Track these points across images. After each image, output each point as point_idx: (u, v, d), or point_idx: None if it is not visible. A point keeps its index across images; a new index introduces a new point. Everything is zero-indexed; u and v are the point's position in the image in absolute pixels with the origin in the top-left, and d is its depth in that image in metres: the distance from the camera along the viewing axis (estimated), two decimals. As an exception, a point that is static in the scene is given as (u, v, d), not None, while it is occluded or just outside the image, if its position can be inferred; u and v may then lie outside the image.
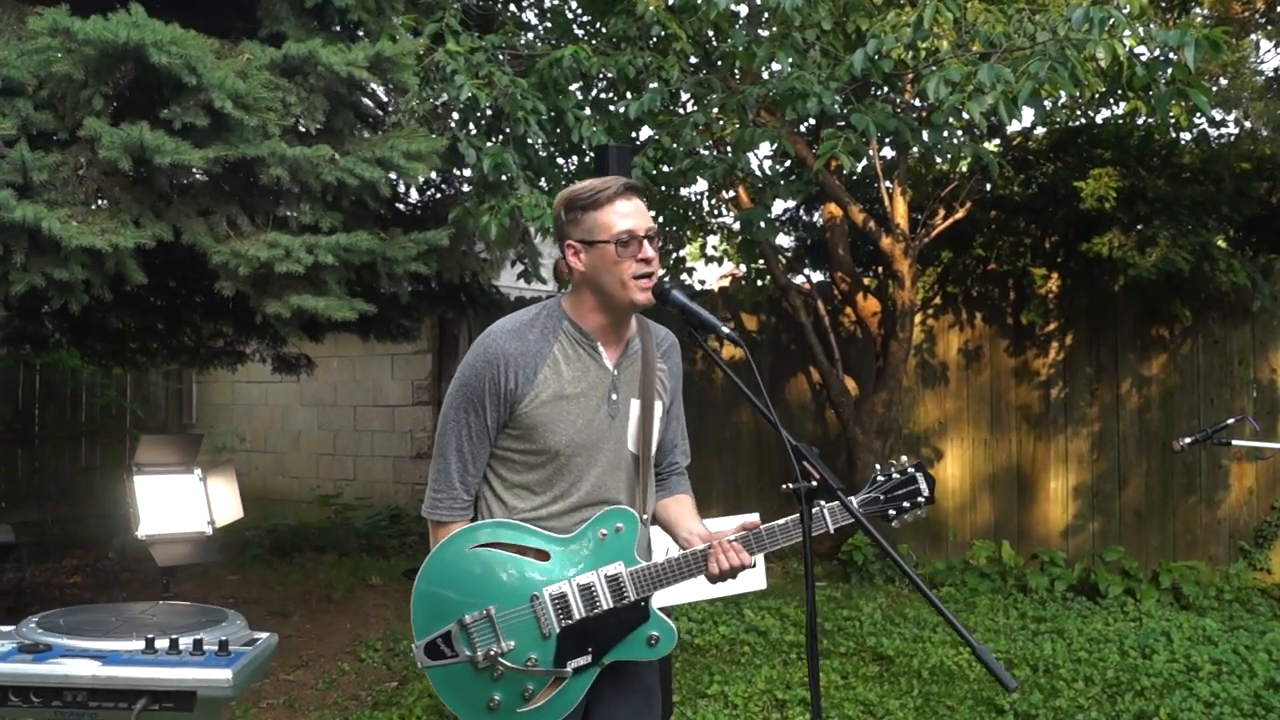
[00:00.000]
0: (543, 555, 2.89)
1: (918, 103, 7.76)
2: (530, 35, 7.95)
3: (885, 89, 7.20)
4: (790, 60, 6.12)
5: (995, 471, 9.49)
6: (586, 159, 7.83)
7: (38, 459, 11.23)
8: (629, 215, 2.93)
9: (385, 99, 6.31)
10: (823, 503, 3.13)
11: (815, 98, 6.11)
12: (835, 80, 6.23)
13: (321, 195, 5.10)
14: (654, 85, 6.80)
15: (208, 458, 12.52)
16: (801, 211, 10.47)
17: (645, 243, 2.94)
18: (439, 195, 8.22)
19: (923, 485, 3.36)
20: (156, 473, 4.91)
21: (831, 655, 6.93)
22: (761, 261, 9.25)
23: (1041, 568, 8.65)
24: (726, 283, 9.81)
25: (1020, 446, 9.42)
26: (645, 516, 3.10)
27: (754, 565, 3.05)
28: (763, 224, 8.03)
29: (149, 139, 4.42)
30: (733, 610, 7.86)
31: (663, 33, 6.96)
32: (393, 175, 5.38)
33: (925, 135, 6.32)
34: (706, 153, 7.62)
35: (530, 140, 6.62)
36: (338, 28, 5.53)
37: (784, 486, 3.00)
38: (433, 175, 7.39)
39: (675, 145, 7.10)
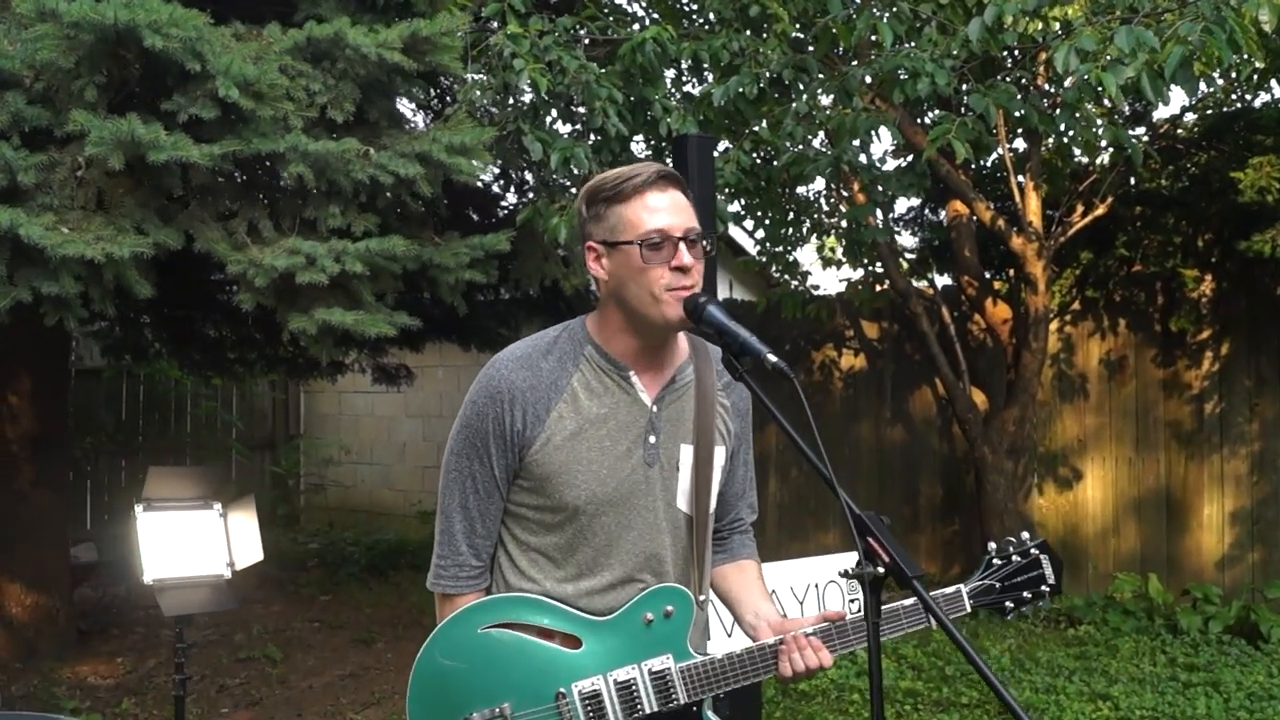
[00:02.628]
0: (573, 642, 2.34)
1: (1052, 88, 6.93)
2: (614, 18, 7.29)
3: (1015, 70, 6.34)
4: (895, 35, 5.32)
5: (1141, 495, 8.48)
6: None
7: (140, 470, 11.03)
8: (661, 211, 2.31)
9: (444, 88, 5.71)
10: (963, 587, 2.70)
11: (927, 78, 5.32)
12: (951, 58, 5.43)
13: (354, 196, 4.53)
14: (742, 67, 6.09)
15: (314, 470, 12.38)
16: (926, 210, 9.60)
17: (681, 246, 2.30)
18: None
19: (1048, 571, 2.80)
20: (169, 509, 4.40)
21: (952, 708, 6.12)
22: (879, 265, 8.43)
23: (1194, 605, 7.60)
24: (844, 288, 9.00)
25: (1170, 467, 8.40)
26: (702, 597, 2.45)
27: (833, 666, 2.45)
28: (872, 223, 7.24)
29: (142, 133, 3.90)
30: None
31: (761, 12, 6.26)
32: (455, 172, 4.78)
33: (1058, 121, 5.46)
34: (815, 144, 6.90)
35: (610, 132, 5.98)
36: (383, 12, 4.94)
37: (840, 573, 2.35)
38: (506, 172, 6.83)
39: (776, 137, 6.39)
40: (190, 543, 4.41)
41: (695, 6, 7.37)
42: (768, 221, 8.16)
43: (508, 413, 2.32)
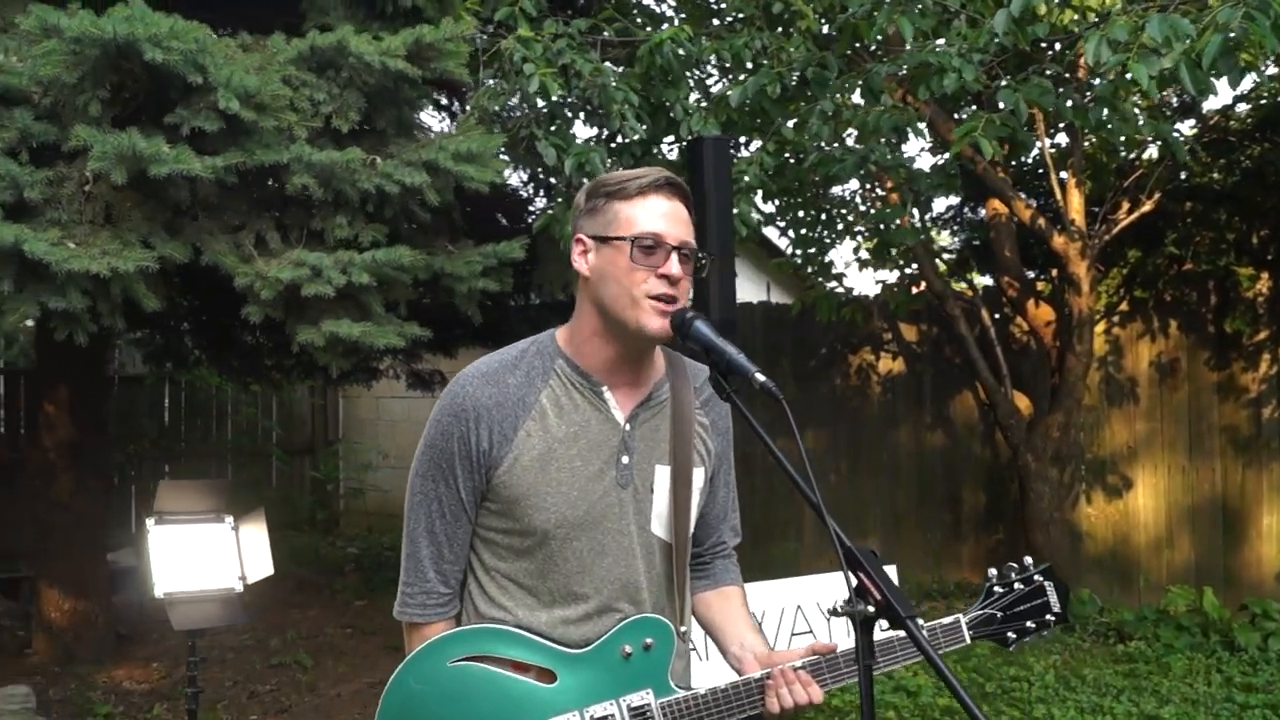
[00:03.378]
0: (547, 675, 2.23)
1: (1098, 81, 6.72)
2: (638, 18, 7.18)
3: (1051, 64, 6.15)
4: (915, 29, 5.16)
5: (1196, 504, 8.24)
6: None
7: (182, 476, 11.13)
8: (662, 216, 2.23)
9: (464, 95, 5.64)
10: (962, 618, 2.57)
11: (954, 73, 5.16)
12: (979, 52, 5.27)
13: (361, 206, 4.48)
14: (764, 67, 5.96)
15: (353, 474, 12.40)
16: (966, 209, 9.39)
17: (673, 256, 2.21)
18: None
19: (1053, 599, 2.66)
20: (181, 522, 4.37)
21: (989, 727, 5.96)
22: (915, 266, 8.25)
23: (1252, 620, 7.32)
24: (880, 290, 8.81)
25: (1225, 475, 8.15)
26: (684, 628, 2.35)
27: (821, 701, 2.32)
28: (907, 222, 7.07)
29: (143, 147, 3.87)
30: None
31: (785, 9, 6.12)
32: (465, 179, 4.71)
33: (1091, 115, 5.26)
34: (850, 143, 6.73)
35: (626, 137, 5.88)
36: (392, 19, 4.88)
37: (828, 610, 2.29)
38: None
39: (802, 137, 6.25)
40: (201, 556, 4.38)
41: (723, 5, 7.25)
42: (800, 223, 8.00)
43: (473, 432, 2.22)
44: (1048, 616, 2.68)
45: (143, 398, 10.83)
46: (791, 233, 8.33)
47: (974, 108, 7.04)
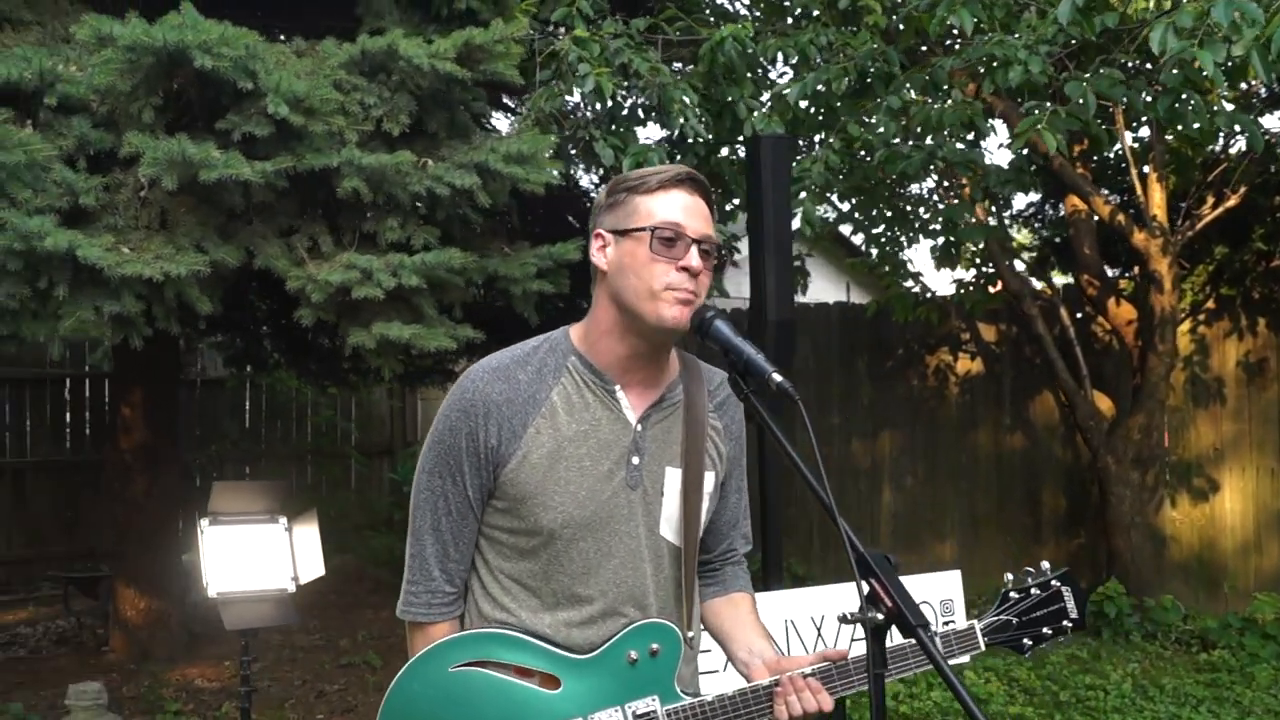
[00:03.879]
0: (551, 681, 2.18)
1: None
2: (709, 13, 7.11)
3: (1124, 54, 5.96)
4: (977, 21, 5.03)
5: (1285, 508, 7.95)
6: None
7: (263, 477, 11.32)
8: (683, 209, 2.19)
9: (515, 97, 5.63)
10: (977, 624, 2.51)
11: (1020, 65, 5.03)
12: (1046, 43, 5.12)
13: (412, 208, 4.49)
14: (829, 63, 5.87)
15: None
16: (1047, 206, 9.17)
17: (694, 249, 2.17)
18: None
19: (1070, 605, 2.61)
20: (235, 522, 4.42)
21: (1061, 736, 5.80)
22: (991, 265, 8.07)
23: (1346, 630, 7.07)
24: (956, 289, 8.62)
25: (1318, 478, 7.85)
26: (690, 634, 2.30)
27: (832, 709, 2.26)
28: (982, 219, 6.91)
29: (193, 153, 3.92)
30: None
31: (851, 4, 6.02)
32: (519, 181, 4.69)
33: (1158, 105, 5.08)
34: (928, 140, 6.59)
35: (688, 137, 5.83)
36: (447, 21, 4.89)
37: (840, 618, 2.17)
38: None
39: (869, 134, 6.14)
40: (255, 557, 4.42)
41: (788, 1, 7.15)
42: (873, 221, 7.86)
43: (481, 428, 2.19)
44: (1064, 623, 2.61)
45: (224, 400, 11.02)
46: (864, 232, 8.18)
47: (1049, 102, 6.85)
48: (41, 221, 3.79)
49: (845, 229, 8.94)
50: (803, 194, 5.95)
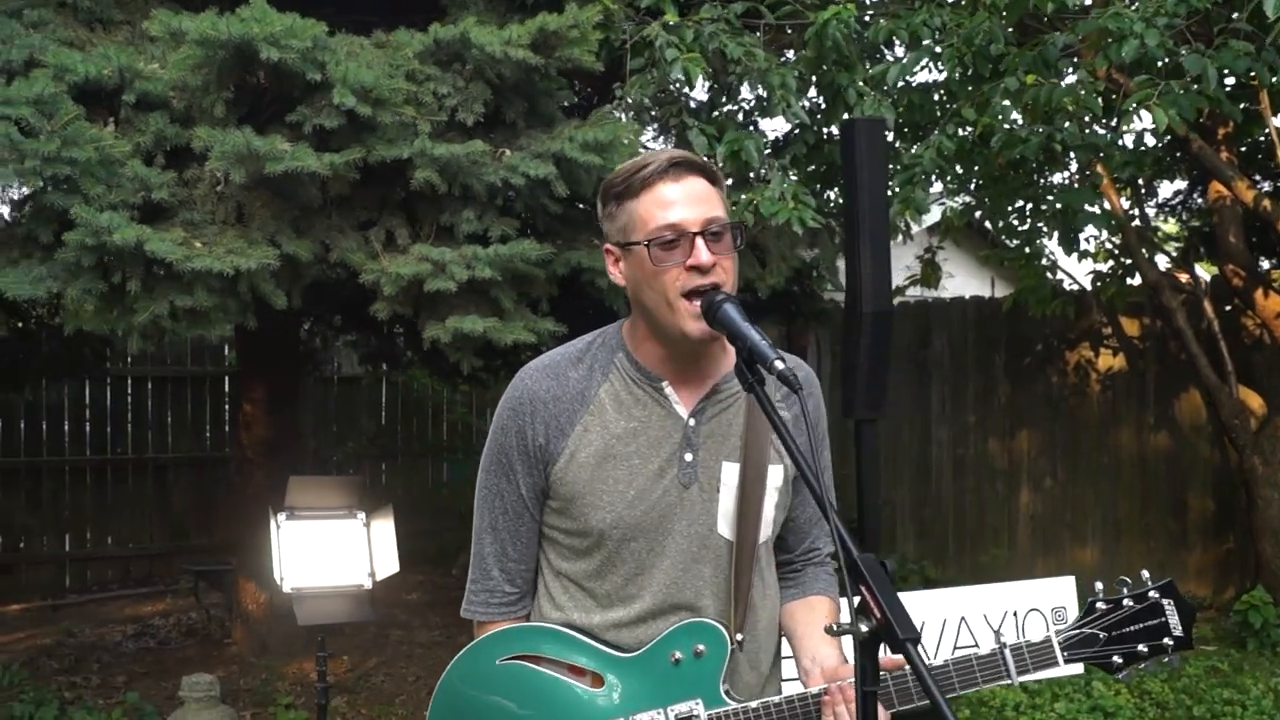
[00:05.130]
0: (595, 679, 2.13)
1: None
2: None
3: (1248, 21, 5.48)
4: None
5: None
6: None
7: (399, 474, 11.50)
8: (675, 203, 2.04)
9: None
10: (1054, 636, 2.26)
11: (1135, 40, 4.66)
12: (1165, 15, 4.74)
13: (489, 199, 4.40)
14: (947, 46, 5.56)
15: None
16: (1194, 193, 8.59)
17: (699, 242, 2.02)
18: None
19: (1173, 620, 2.30)
20: (313, 518, 4.40)
21: (1195, 756, 5.38)
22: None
23: None
24: (1093, 281, 8.14)
25: None
26: (740, 636, 2.17)
27: None
28: (1113, 209, 6.48)
29: (258, 145, 3.90)
30: (1078, 681, 6.36)
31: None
32: (601, 170, 4.57)
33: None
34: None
35: (789, 123, 5.61)
36: (532, 9, 4.78)
37: (825, 629, 2.03)
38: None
39: (987, 117, 5.81)
40: (332, 552, 4.40)
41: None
42: (1003, 211, 7.47)
43: (529, 426, 2.13)
44: (1165, 640, 2.31)
45: (361, 397, 11.22)
46: (992, 223, 7.79)
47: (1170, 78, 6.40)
48: (111, 216, 3.82)
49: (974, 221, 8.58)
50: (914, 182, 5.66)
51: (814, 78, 6.10)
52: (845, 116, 5.95)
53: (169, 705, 6.24)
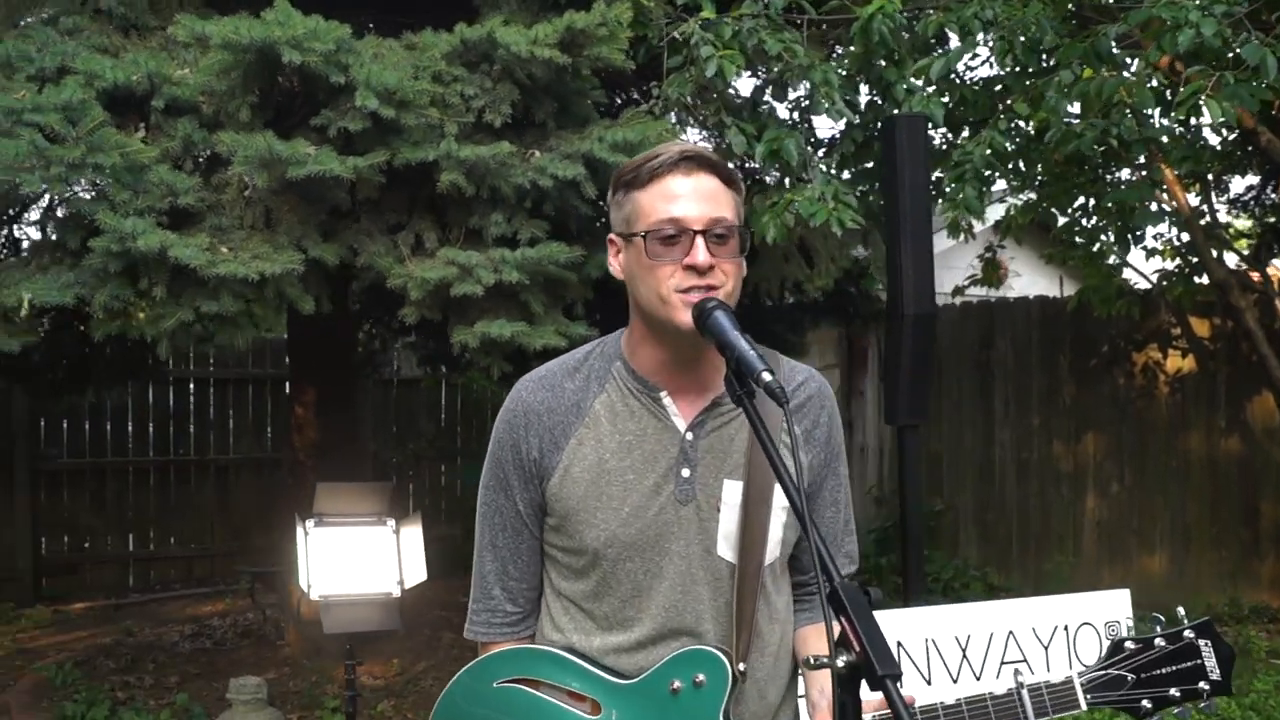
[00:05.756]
0: (594, 706, 2.05)
1: None
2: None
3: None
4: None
5: None
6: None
7: (459, 475, 11.51)
8: (681, 198, 1.97)
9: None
10: (1076, 677, 2.18)
11: (1190, 29, 4.47)
12: (1223, 3, 4.53)
13: (518, 201, 4.33)
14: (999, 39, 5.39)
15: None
16: (1269, 188, 8.27)
17: (699, 241, 1.93)
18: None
19: (1210, 663, 2.20)
20: (342, 524, 4.37)
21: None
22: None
23: None
24: (1159, 280, 7.85)
25: None
26: (742, 665, 2.06)
27: None
28: (1180, 207, 6.25)
29: (280, 149, 3.87)
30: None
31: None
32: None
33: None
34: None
35: (834, 121, 5.48)
36: (565, 9, 4.70)
37: (803, 661, 1.99)
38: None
39: (1041, 112, 5.63)
40: (361, 559, 4.36)
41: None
42: (1059, 207, 7.25)
43: (524, 440, 2.06)
44: (1200, 684, 2.17)
45: (420, 400, 11.24)
46: (1050, 220, 7.57)
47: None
48: (135, 222, 3.82)
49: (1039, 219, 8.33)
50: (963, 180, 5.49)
51: (862, 74, 5.97)
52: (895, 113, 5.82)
53: (219, 706, 6.27)
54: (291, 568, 7.43)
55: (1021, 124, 6.11)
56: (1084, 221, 7.40)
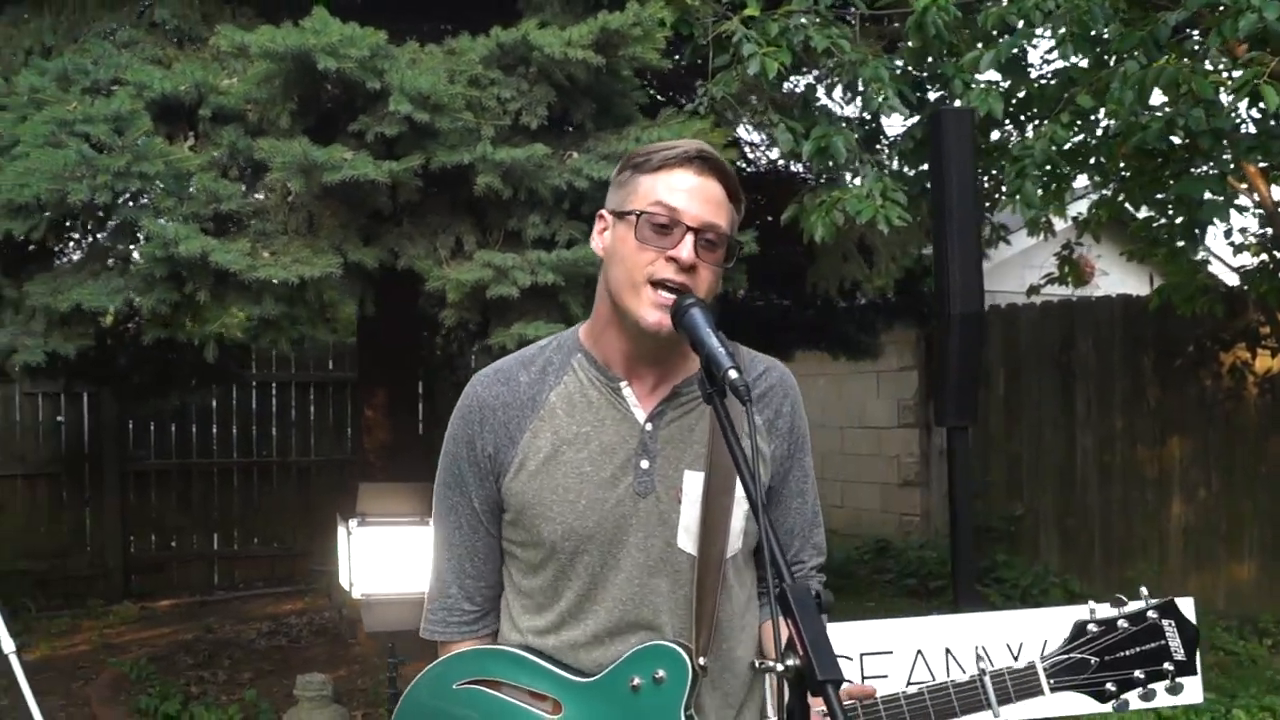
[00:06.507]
0: (555, 705, 2.02)
1: None
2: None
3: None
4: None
5: None
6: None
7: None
8: (683, 192, 1.95)
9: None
10: (1039, 662, 2.13)
11: (1252, 13, 4.31)
12: (1290, -17, 4.36)
13: (556, 203, 4.35)
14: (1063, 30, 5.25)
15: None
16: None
17: (689, 238, 1.92)
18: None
19: (1174, 643, 2.16)
20: (385, 524, 4.42)
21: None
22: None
23: None
24: (1241, 277, 7.56)
25: None
26: (703, 660, 2.03)
27: None
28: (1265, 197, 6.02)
29: (316, 155, 3.94)
30: (1218, 708, 5.93)
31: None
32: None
33: None
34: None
35: (886, 116, 5.40)
36: (609, 9, 4.70)
37: (751, 665, 2.02)
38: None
39: (1109, 103, 5.48)
40: (403, 559, 4.40)
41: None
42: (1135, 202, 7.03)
43: (479, 435, 2.05)
44: (1165, 665, 2.12)
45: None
46: (1125, 216, 7.34)
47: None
48: (177, 228, 3.91)
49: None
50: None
51: (921, 70, 5.88)
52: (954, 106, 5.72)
53: (287, 703, 6.39)
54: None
55: (1092, 118, 5.95)
56: (1162, 217, 7.16)
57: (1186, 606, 4.79)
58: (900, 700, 2.09)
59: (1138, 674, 2.09)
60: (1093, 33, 5.06)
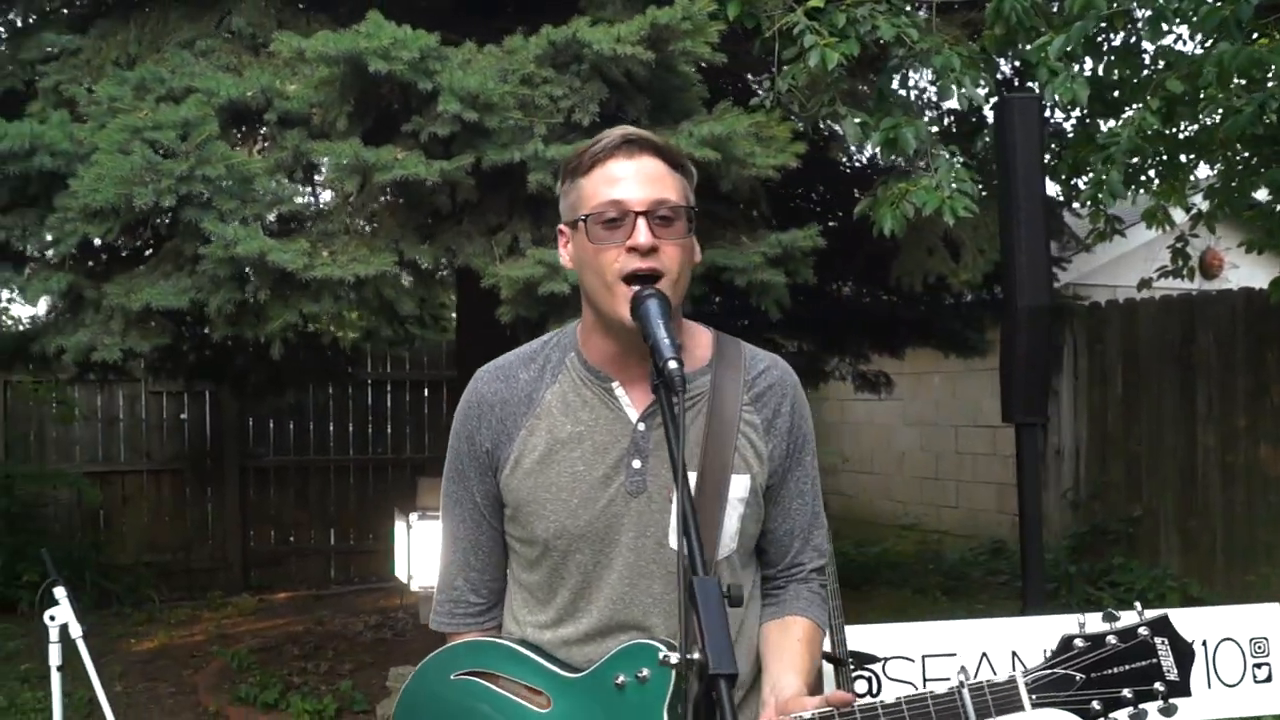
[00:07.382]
0: (546, 700, 2.04)
1: None
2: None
3: None
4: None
5: None
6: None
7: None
8: (621, 181, 1.96)
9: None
10: (1019, 676, 1.99)
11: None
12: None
13: (610, 199, 4.35)
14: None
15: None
16: None
17: (641, 222, 1.92)
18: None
19: (1166, 662, 2.02)
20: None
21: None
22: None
23: None
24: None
25: None
26: (691, 656, 2.04)
27: None
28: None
29: (367, 156, 4.02)
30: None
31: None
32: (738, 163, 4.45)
33: None
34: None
35: (961, 106, 5.26)
36: (670, 4, 4.69)
37: (662, 661, 1.92)
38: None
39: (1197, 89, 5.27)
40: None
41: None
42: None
43: (478, 431, 2.09)
44: (1156, 685, 1.99)
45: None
46: (1232, 204, 7.01)
47: None
48: (237, 230, 4.04)
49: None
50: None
51: (1006, 57, 5.74)
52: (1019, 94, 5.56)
53: (383, 694, 6.55)
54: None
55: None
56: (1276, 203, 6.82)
57: (1273, 614, 4.58)
58: (878, 710, 2.03)
59: (1125, 693, 1.97)
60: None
